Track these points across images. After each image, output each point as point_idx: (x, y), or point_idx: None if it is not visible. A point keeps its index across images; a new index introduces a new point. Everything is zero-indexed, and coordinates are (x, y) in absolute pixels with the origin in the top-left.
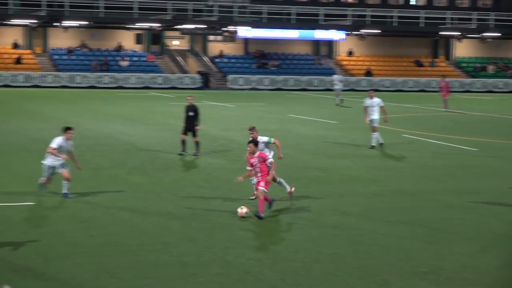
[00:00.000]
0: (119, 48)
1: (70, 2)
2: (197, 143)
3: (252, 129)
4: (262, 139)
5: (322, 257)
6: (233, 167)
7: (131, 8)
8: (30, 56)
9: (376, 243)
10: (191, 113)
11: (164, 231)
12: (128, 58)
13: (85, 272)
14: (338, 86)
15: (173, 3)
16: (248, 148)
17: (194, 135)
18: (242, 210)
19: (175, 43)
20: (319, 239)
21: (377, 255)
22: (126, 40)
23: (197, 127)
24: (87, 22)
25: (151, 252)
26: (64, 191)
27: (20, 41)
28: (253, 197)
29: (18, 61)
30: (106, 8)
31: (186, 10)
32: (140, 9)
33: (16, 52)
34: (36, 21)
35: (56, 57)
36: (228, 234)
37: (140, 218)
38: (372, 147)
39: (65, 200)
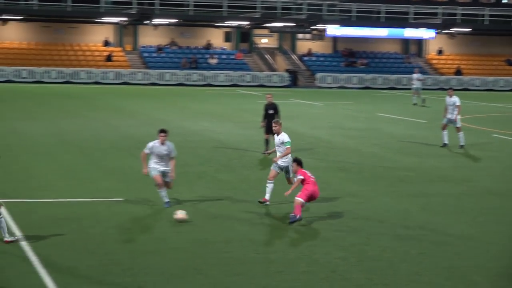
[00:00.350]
0: (208, 46)
1: (160, 1)
2: None
3: (275, 122)
4: (283, 137)
5: (409, 257)
6: (320, 165)
7: (220, 6)
8: (121, 54)
9: (464, 244)
10: (271, 111)
11: (251, 228)
12: (217, 56)
13: (172, 267)
14: (416, 85)
15: (262, 1)
16: (292, 166)
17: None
18: (178, 215)
19: (264, 41)
20: (406, 238)
21: (465, 256)
22: (215, 38)
23: None
24: (176, 20)
25: (237, 249)
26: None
27: (111, 39)
28: (262, 201)
29: (108, 58)
30: (195, 6)
31: (275, 8)
32: (229, 7)
33: (107, 50)
34: (127, 19)
35: (146, 54)
36: (315, 232)
37: (227, 215)
38: (461, 146)
39: (153, 196)
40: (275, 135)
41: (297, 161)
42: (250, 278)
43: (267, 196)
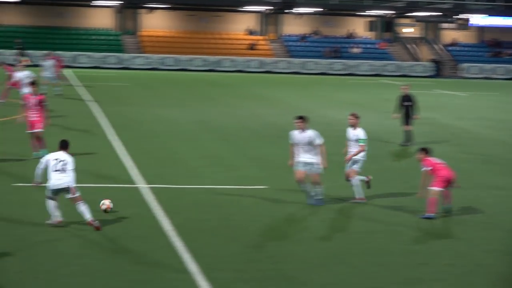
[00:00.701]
0: (350, 35)
1: None
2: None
3: (353, 115)
4: (359, 132)
5: None
6: (464, 156)
7: None
8: (264, 42)
9: None
10: (407, 103)
11: (392, 218)
12: (359, 45)
13: (315, 256)
14: None
15: None
16: (417, 155)
17: (408, 123)
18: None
19: (407, 31)
20: None
21: None
22: (358, 27)
23: (416, 116)
24: (320, 9)
25: (380, 240)
26: (315, 198)
27: (254, 27)
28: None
29: (251, 47)
30: None
31: None
32: None
33: (250, 38)
34: (270, 7)
35: (289, 43)
36: (459, 224)
37: (369, 205)
38: None
39: (295, 185)
40: (351, 127)
41: (425, 150)
42: (393, 269)
43: (357, 196)
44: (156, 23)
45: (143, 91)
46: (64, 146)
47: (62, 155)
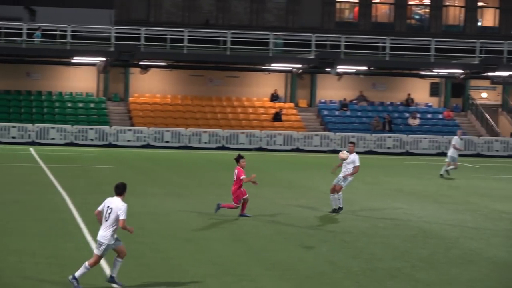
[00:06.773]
0: (408, 102)
1: (347, 42)
2: None
3: (351, 143)
4: (354, 158)
5: None
6: None
7: (426, 50)
8: (293, 111)
9: None
10: None
11: None
12: (419, 115)
13: None
14: None
15: (482, 42)
16: None
17: None
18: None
19: (483, 96)
20: None
21: None
22: (418, 91)
23: None
24: (366, 68)
25: None
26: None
27: (280, 92)
28: None
29: (276, 117)
30: (392, 49)
31: (500, 52)
32: (437, 50)
33: (274, 106)
34: (302, 65)
35: (325, 112)
36: None
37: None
38: None
39: None
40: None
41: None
42: None
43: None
44: (151, 86)
45: (132, 176)
46: None
47: None
